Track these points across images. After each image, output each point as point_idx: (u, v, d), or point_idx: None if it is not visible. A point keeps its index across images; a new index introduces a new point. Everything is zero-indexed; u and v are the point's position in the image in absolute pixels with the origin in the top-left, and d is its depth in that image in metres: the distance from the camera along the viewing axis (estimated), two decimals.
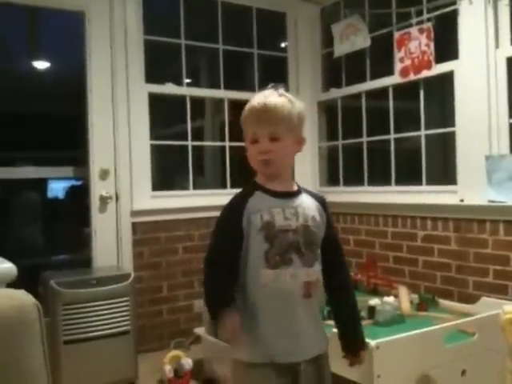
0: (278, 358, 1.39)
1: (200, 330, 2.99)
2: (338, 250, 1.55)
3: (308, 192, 1.53)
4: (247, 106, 1.46)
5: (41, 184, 4.68)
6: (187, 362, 2.80)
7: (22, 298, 1.07)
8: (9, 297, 1.07)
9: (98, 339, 2.68)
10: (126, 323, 2.76)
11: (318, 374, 1.46)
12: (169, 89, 3.50)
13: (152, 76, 3.38)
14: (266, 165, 1.43)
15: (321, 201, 1.52)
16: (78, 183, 4.16)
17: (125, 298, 2.76)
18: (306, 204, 1.47)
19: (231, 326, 1.35)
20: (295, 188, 1.50)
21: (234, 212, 1.42)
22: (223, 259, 1.41)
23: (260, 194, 1.44)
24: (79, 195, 3.67)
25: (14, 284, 1.86)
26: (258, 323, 1.40)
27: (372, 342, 1.97)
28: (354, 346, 1.56)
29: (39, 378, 1.04)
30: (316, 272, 1.44)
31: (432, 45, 3.00)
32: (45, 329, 1.06)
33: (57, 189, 5.00)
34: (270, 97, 1.44)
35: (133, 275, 2.85)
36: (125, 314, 2.76)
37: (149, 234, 3.30)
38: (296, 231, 1.41)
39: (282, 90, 1.47)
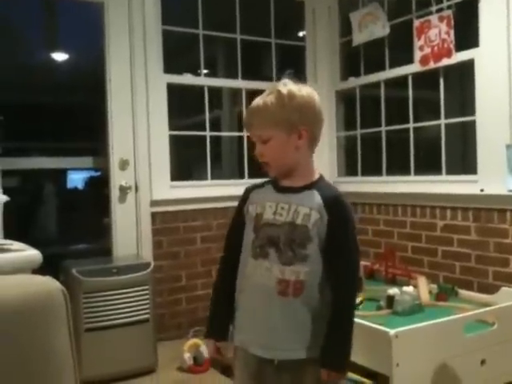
0: (251, 348, 1.44)
1: None
2: (339, 256, 1.40)
3: (321, 188, 1.43)
4: None
5: (60, 175, 4.73)
6: (206, 350, 2.83)
7: (49, 283, 1.09)
8: (35, 283, 1.10)
9: (118, 327, 2.72)
10: (145, 311, 2.79)
11: (294, 380, 1.41)
12: (187, 79, 3.51)
13: (170, 66, 3.39)
14: (265, 166, 1.47)
15: (327, 199, 1.40)
16: (97, 174, 4.20)
17: (144, 287, 2.80)
18: (305, 201, 1.40)
19: (211, 353, 1.57)
20: (306, 183, 1.44)
21: (240, 201, 1.54)
22: (228, 247, 1.56)
23: (268, 187, 1.49)
24: (98, 186, 3.71)
25: (35, 272, 1.89)
26: (239, 309, 1.48)
27: (391, 331, 1.98)
28: (321, 361, 1.39)
29: (65, 361, 1.06)
30: (297, 272, 1.37)
31: (452, 33, 2.97)
32: (71, 314, 1.08)
33: (76, 179, 5.05)
34: (258, 98, 1.46)
35: (152, 264, 2.88)
36: (144, 302, 2.79)
37: (168, 224, 3.32)
38: (280, 227, 1.40)
39: (286, 82, 1.44)
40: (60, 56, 4.38)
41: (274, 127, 1.40)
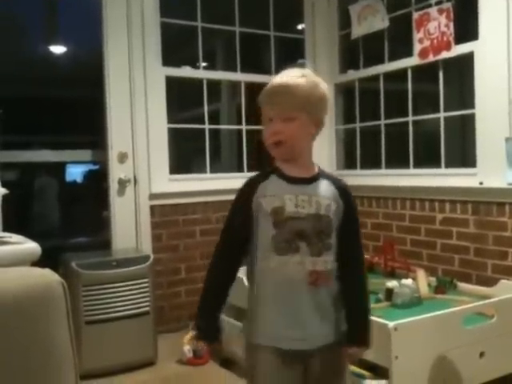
0: (283, 343, 1.40)
1: None
2: (354, 240, 1.48)
3: (329, 178, 1.47)
4: (266, 86, 1.45)
5: (59, 168, 4.73)
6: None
7: (48, 275, 1.09)
8: (34, 275, 1.10)
9: (118, 320, 2.72)
10: (145, 304, 2.80)
11: (330, 365, 1.44)
12: (186, 72, 3.50)
13: (169, 59, 3.38)
14: (276, 146, 1.42)
15: (340, 189, 1.46)
16: (96, 167, 4.20)
17: (144, 280, 2.80)
18: (322, 191, 1.42)
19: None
20: (313, 173, 1.45)
21: (243, 195, 1.45)
22: (230, 243, 1.46)
23: (275, 179, 1.43)
24: (97, 179, 3.71)
25: (34, 265, 1.89)
26: (264, 307, 1.42)
27: (390, 324, 1.98)
28: (350, 339, 1.46)
29: (65, 354, 1.07)
30: (325, 262, 1.40)
31: (451, 25, 2.96)
32: (70, 306, 1.08)
33: (75, 173, 5.05)
34: (288, 76, 1.42)
35: (152, 257, 2.88)
36: (144, 295, 2.79)
37: (167, 217, 3.32)
38: (306, 219, 1.38)
39: (307, 70, 1.45)
40: (59, 49, 4.38)
41: (301, 109, 1.39)
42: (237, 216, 1.46)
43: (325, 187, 1.43)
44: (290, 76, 1.43)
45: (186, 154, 4.21)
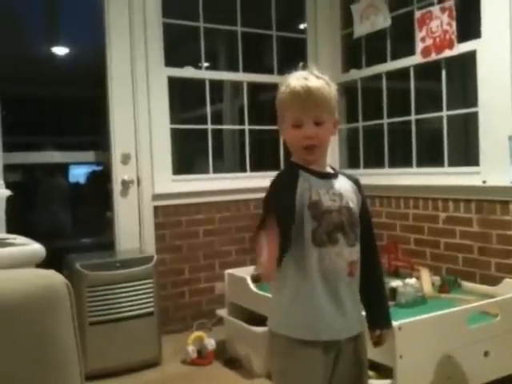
0: (324, 335, 1.41)
1: (222, 312, 3.03)
2: (371, 230, 1.56)
3: (343, 174, 1.55)
4: (286, 89, 1.43)
5: (62, 169, 4.73)
6: (210, 343, 2.85)
7: (52, 276, 1.09)
8: (39, 276, 1.10)
9: (122, 320, 2.73)
10: (149, 305, 2.80)
11: (356, 353, 1.47)
12: (188, 72, 3.50)
13: (171, 59, 3.38)
14: (310, 150, 1.43)
15: (356, 182, 1.54)
16: (99, 168, 4.20)
17: (148, 280, 2.80)
18: (345, 186, 1.49)
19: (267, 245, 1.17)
20: (332, 170, 1.52)
21: (289, 183, 1.39)
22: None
23: (305, 175, 1.43)
24: (100, 180, 3.72)
25: (39, 267, 1.89)
26: (304, 300, 1.41)
27: (394, 323, 1.98)
28: (380, 323, 1.55)
29: (70, 355, 1.07)
30: (357, 251, 1.46)
31: (454, 24, 2.95)
32: (75, 307, 1.08)
33: (78, 174, 5.04)
34: (310, 79, 1.42)
35: (155, 258, 2.89)
36: (148, 295, 2.80)
37: (170, 218, 3.33)
38: (340, 212, 1.43)
39: (315, 71, 1.47)
40: (61, 50, 4.37)
41: (328, 112, 1.44)
42: (283, 205, 1.33)
43: (345, 182, 1.51)
44: (313, 79, 1.43)
45: (188, 155, 4.20)
